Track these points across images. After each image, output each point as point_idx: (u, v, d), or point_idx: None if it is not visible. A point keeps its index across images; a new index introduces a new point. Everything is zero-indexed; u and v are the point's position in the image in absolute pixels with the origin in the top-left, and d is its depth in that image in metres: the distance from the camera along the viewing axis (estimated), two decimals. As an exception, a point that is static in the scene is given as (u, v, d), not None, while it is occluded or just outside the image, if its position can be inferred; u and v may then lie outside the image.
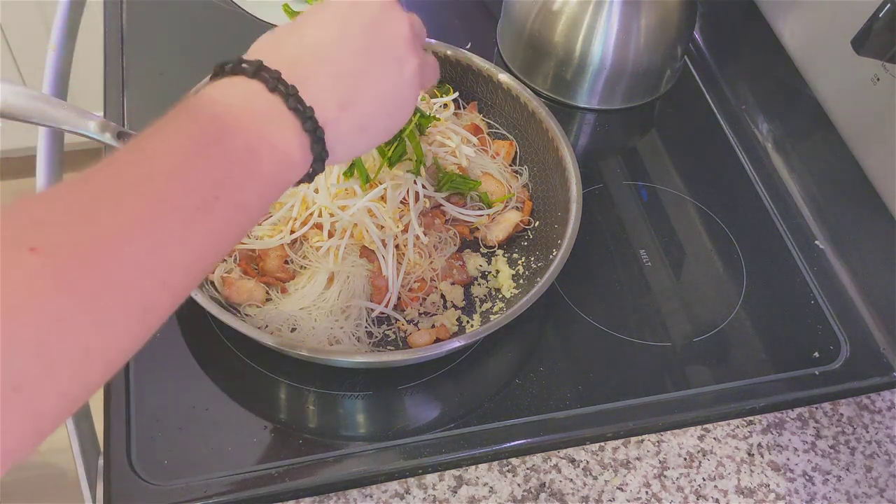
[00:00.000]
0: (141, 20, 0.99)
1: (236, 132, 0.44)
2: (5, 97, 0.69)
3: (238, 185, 0.43)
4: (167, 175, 0.41)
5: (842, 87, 0.90)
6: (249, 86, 0.46)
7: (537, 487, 0.67)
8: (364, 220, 0.74)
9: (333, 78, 0.49)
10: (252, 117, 0.45)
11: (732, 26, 1.08)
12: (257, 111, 0.46)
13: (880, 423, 0.74)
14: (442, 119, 0.82)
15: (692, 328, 0.79)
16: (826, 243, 0.86)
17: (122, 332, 0.39)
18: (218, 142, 0.43)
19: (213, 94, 0.46)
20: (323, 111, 0.47)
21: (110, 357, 0.39)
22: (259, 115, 0.45)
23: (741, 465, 0.70)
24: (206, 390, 0.70)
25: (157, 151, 0.42)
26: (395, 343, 0.74)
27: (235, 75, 0.47)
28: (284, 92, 0.46)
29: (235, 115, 0.45)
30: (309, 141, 0.47)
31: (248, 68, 0.47)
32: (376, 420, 0.71)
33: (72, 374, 0.36)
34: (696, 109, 0.99)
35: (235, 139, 0.44)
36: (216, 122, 0.44)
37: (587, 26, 0.91)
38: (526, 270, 0.79)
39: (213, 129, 0.44)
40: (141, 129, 0.79)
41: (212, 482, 0.65)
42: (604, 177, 0.91)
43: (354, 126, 0.50)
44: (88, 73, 1.03)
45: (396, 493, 0.66)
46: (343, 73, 0.50)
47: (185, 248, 0.41)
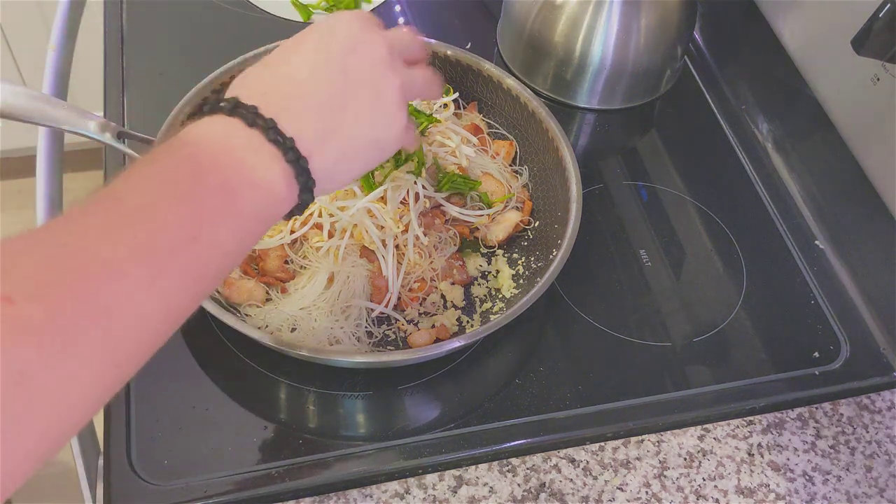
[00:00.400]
0: (141, 20, 0.99)
1: (211, 170, 0.43)
2: (5, 97, 0.69)
3: (215, 224, 0.42)
4: (139, 217, 0.40)
5: (842, 87, 0.90)
6: (228, 123, 0.46)
7: (537, 487, 0.67)
8: (364, 221, 0.74)
9: (312, 108, 0.48)
10: (230, 154, 0.44)
11: (732, 26, 1.08)
12: (236, 147, 0.45)
13: (880, 423, 0.74)
14: (442, 119, 0.82)
15: (692, 328, 0.79)
16: (826, 243, 0.86)
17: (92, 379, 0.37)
18: (193, 181, 0.42)
19: (189, 134, 0.45)
20: (305, 142, 0.47)
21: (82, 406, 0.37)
22: (238, 152, 0.45)
23: (741, 465, 0.70)
24: (206, 390, 0.70)
25: (131, 193, 0.41)
26: (395, 343, 0.74)
27: (214, 114, 0.46)
28: (263, 125, 0.45)
29: (212, 153, 0.44)
30: (293, 172, 0.46)
31: (226, 106, 0.46)
32: (376, 420, 0.71)
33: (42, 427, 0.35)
34: (696, 109, 0.99)
35: (210, 177, 0.43)
36: (191, 161, 0.43)
37: (587, 26, 0.91)
38: (526, 270, 0.79)
39: (187, 168, 0.43)
40: (141, 129, 0.79)
41: (212, 482, 0.65)
42: (604, 177, 0.91)
43: (340, 154, 0.50)
44: (88, 73, 1.03)
45: (396, 493, 0.66)
46: (321, 102, 0.49)
47: (158, 291, 0.40)
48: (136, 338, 0.39)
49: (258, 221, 0.46)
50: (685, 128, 0.98)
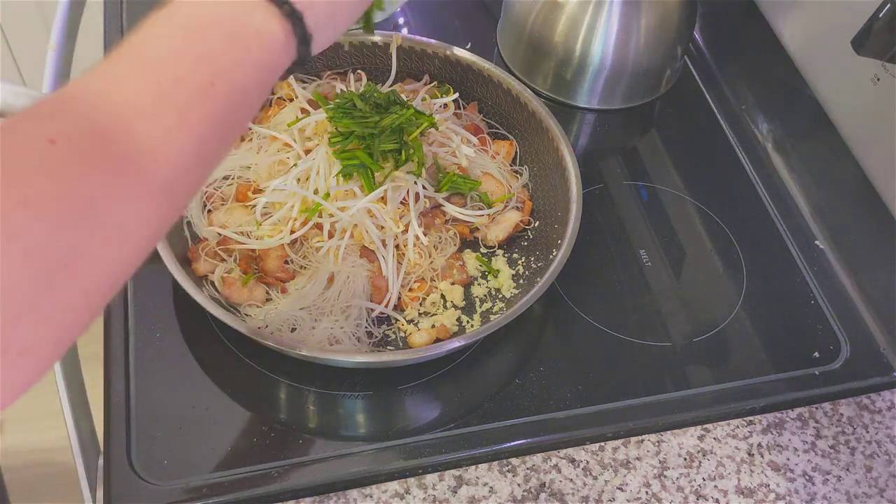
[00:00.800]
0: (141, 20, 0.99)
1: (218, 23, 0.46)
2: (5, 97, 0.69)
3: (230, 68, 0.45)
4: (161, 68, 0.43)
5: (842, 87, 0.90)
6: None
7: (537, 487, 0.67)
8: (364, 221, 0.74)
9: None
10: (231, 10, 0.47)
11: (732, 26, 1.08)
12: (237, 7, 0.47)
13: (880, 423, 0.74)
14: (441, 119, 0.82)
15: (692, 328, 0.79)
16: (826, 243, 0.86)
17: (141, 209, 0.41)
18: (202, 33, 0.45)
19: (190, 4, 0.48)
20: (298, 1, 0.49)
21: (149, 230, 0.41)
22: (238, 8, 0.47)
23: (741, 465, 0.70)
24: (206, 390, 0.70)
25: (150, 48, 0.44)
26: (395, 343, 0.74)
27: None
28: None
29: (214, 11, 0.47)
30: (290, 25, 0.48)
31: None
32: (376, 420, 0.71)
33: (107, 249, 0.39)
34: (696, 109, 0.99)
35: (217, 29, 0.46)
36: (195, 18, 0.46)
37: (587, 26, 0.91)
38: (526, 270, 0.79)
39: (194, 23, 0.46)
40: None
41: (212, 482, 0.65)
42: (604, 177, 0.91)
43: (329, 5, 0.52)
44: (88, 74, 1.02)
45: (396, 493, 0.66)
46: None
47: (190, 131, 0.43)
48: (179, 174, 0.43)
49: (267, 69, 0.48)
50: (685, 128, 0.98)
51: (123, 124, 0.40)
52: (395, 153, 0.75)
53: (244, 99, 0.47)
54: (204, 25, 0.46)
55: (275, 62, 0.49)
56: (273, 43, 0.48)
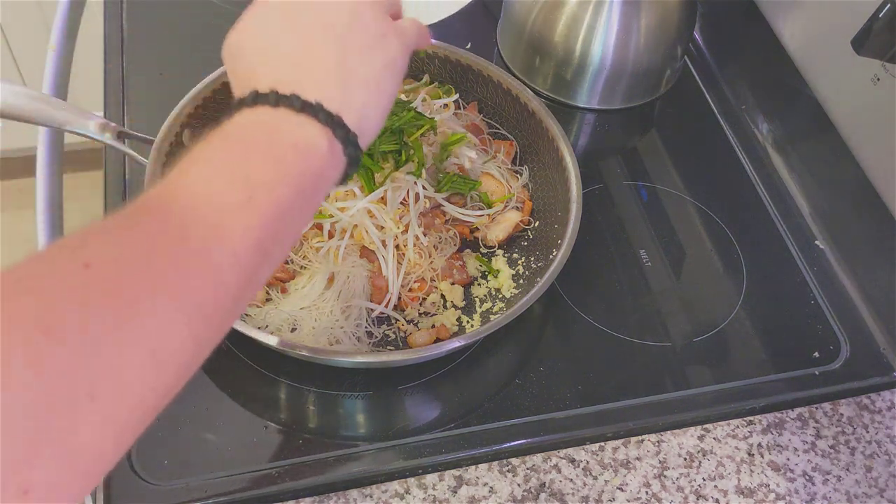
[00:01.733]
0: (141, 20, 0.99)
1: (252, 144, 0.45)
2: (5, 97, 0.69)
3: (267, 184, 0.44)
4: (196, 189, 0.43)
5: (842, 87, 0.90)
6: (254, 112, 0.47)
7: (537, 487, 0.67)
8: (364, 221, 0.74)
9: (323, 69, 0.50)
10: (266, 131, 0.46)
11: (732, 26, 1.08)
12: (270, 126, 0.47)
13: (880, 423, 0.74)
14: (442, 119, 0.82)
15: (692, 328, 0.79)
16: (826, 243, 0.86)
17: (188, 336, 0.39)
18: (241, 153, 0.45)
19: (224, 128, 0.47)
20: (331, 102, 0.48)
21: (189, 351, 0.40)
22: (273, 128, 0.47)
23: (741, 465, 0.70)
24: (205, 390, 0.70)
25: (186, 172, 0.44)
26: (395, 343, 0.74)
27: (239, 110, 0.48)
28: (287, 102, 0.47)
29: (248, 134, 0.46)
30: (330, 131, 0.48)
31: (247, 100, 0.48)
32: (376, 420, 0.71)
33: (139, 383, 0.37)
34: (696, 109, 0.99)
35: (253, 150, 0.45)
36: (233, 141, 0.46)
37: (587, 26, 0.91)
38: (526, 270, 0.79)
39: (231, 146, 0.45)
40: (141, 129, 0.79)
41: (212, 482, 0.65)
42: (604, 177, 0.91)
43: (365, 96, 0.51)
44: (88, 73, 1.03)
45: (396, 493, 0.66)
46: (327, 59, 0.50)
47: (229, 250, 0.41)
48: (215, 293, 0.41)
49: (313, 179, 0.47)
50: (685, 128, 0.98)
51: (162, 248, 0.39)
52: (395, 154, 0.75)
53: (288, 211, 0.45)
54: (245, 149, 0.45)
55: (320, 170, 0.47)
56: (312, 152, 0.47)
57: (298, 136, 0.46)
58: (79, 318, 0.35)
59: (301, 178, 0.46)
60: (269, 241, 0.44)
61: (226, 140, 0.46)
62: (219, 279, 0.41)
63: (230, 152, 0.45)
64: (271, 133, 0.46)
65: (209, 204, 0.42)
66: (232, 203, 0.42)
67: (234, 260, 0.42)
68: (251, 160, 0.45)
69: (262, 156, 0.45)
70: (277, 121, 0.47)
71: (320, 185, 0.48)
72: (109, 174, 0.84)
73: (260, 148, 0.45)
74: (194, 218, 0.41)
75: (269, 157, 0.45)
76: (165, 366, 0.38)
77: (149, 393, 0.38)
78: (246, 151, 0.45)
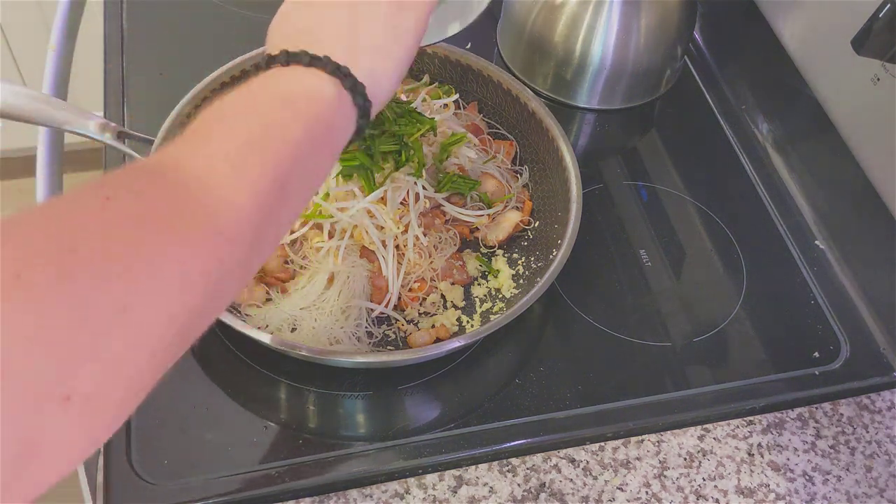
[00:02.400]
0: (141, 20, 0.99)
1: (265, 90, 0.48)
2: (5, 97, 0.69)
3: (283, 123, 0.46)
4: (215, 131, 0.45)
5: (842, 87, 0.90)
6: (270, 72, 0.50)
7: (537, 487, 0.67)
8: (364, 222, 0.74)
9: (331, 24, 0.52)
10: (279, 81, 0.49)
11: (732, 26, 1.08)
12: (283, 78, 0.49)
13: (880, 423, 0.74)
14: (441, 119, 0.82)
15: (692, 328, 0.79)
16: (826, 243, 0.86)
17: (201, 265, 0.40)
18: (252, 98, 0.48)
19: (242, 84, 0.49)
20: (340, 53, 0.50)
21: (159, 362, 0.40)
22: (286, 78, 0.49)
23: (741, 465, 0.70)
24: (206, 390, 0.70)
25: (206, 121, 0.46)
26: (395, 343, 0.74)
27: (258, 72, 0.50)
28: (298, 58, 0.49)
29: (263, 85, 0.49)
30: (339, 82, 0.50)
31: (262, 61, 0.51)
32: (376, 420, 0.71)
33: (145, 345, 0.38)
34: (696, 109, 0.99)
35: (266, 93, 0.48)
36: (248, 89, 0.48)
37: (587, 26, 0.91)
38: (526, 270, 0.79)
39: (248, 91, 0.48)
40: (141, 129, 0.79)
41: (212, 482, 0.65)
42: (604, 177, 0.91)
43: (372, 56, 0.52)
44: (88, 73, 1.03)
45: (396, 493, 0.66)
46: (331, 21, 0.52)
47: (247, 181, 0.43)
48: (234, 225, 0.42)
49: (325, 125, 0.49)
50: (685, 128, 0.98)
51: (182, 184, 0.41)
52: (395, 154, 0.75)
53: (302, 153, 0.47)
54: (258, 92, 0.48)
55: (331, 117, 0.49)
56: (322, 98, 0.49)
57: (308, 83, 0.49)
58: (102, 240, 0.36)
59: (313, 123, 0.48)
60: (285, 179, 0.45)
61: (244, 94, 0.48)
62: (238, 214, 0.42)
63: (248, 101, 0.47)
64: (285, 83, 0.49)
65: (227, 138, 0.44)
66: (249, 137, 0.44)
67: (253, 191, 0.43)
68: (263, 105, 0.47)
69: (280, 101, 0.47)
70: (290, 74, 0.49)
71: (333, 134, 0.50)
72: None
73: (274, 94, 0.48)
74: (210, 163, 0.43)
75: (284, 102, 0.47)
76: (195, 286, 0.39)
77: (179, 310, 0.38)
78: (258, 100, 0.47)
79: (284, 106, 0.47)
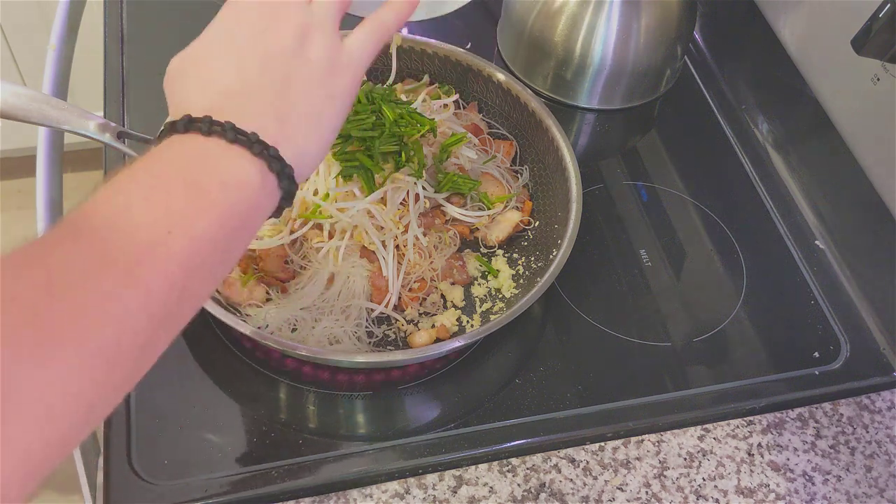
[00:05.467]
0: (141, 20, 0.99)
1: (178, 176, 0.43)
2: (5, 97, 0.69)
3: (189, 217, 0.42)
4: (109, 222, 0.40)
5: (842, 87, 0.90)
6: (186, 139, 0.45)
7: (537, 487, 0.67)
8: (364, 222, 0.74)
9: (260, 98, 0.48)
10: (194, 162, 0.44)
11: (732, 26, 1.08)
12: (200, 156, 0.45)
13: (880, 423, 0.74)
14: (441, 119, 0.82)
15: (692, 328, 0.79)
16: (826, 243, 0.86)
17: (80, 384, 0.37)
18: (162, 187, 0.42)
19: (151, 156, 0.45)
20: (268, 132, 0.46)
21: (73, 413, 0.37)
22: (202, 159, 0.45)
23: (741, 465, 0.70)
24: (206, 390, 0.70)
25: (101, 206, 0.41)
26: (395, 343, 0.74)
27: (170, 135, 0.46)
28: (220, 130, 0.45)
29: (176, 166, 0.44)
30: (265, 164, 0.46)
31: (178, 124, 0.46)
32: (376, 420, 0.71)
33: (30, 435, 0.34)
34: (696, 109, 0.99)
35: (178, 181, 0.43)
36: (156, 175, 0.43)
37: (587, 26, 0.91)
38: (526, 270, 0.79)
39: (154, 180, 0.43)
40: (141, 129, 0.79)
41: (212, 482, 0.65)
42: (604, 177, 0.91)
43: (305, 128, 0.49)
44: (88, 73, 1.03)
45: (396, 493, 0.66)
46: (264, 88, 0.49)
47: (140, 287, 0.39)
48: (122, 335, 0.38)
49: (243, 213, 0.45)
50: (685, 128, 0.98)
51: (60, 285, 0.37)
52: (395, 155, 0.75)
53: (213, 245, 0.43)
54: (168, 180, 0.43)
55: (254, 205, 0.46)
56: (242, 186, 0.45)
57: (228, 168, 0.44)
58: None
59: (228, 213, 0.44)
60: (187, 279, 0.41)
61: (152, 169, 0.43)
62: (127, 322, 0.38)
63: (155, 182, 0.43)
64: (200, 164, 0.44)
65: (126, 237, 0.40)
66: (149, 238, 0.40)
67: (146, 299, 0.39)
68: (174, 192, 0.42)
69: (187, 188, 0.43)
70: (208, 151, 0.45)
71: (250, 219, 0.46)
72: (109, 174, 0.83)
73: (186, 179, 0.43)
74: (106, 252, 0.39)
75: (194, 190, 0.43)
76: (58, 420, 0.36)
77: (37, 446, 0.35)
78: (171, 182, 0.43)
79: (199, 194, 0.43)
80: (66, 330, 0.36)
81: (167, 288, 0.40)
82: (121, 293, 0.38)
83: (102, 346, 0.37)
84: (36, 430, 0.35)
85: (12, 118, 0.70)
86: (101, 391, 0.38)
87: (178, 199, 0.42)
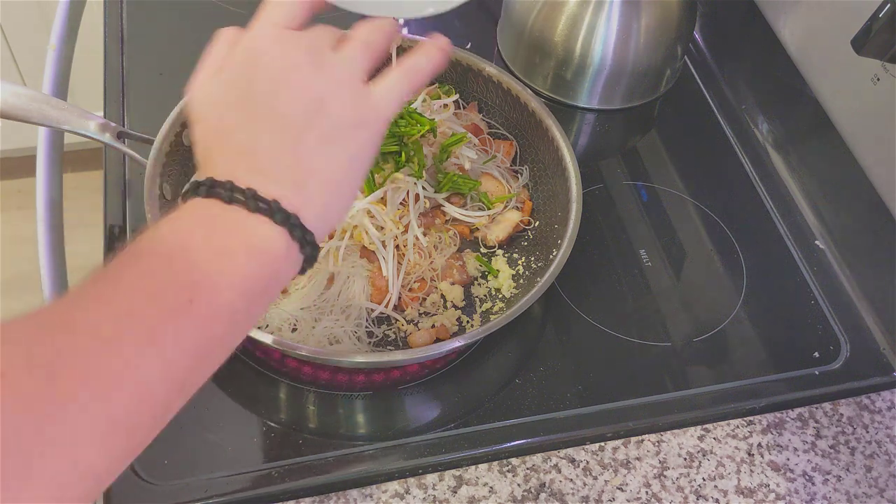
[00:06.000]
0: (141, 20, 0.99)
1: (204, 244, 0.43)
2: (5, 97, 0.69)
3: (213, 286, 0.41)
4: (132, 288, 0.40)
5: (842, 87, 0.90)
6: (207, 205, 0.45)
7: (537, 487, 0.67)
8: (364, 222, 0.74)
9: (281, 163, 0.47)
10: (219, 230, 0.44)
11: (732, 26, 1.08)
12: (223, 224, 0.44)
13: (880, 423, 0.74)
14: (441, 120, 0.82)
15: (692, 328, 0.79)
16: (826, 243, 0.86)
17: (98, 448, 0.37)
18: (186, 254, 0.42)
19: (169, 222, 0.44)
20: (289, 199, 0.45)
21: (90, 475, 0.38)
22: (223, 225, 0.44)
23: (741, 465, 0.70)
24: (206, 390, 0.70)
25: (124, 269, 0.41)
26: (395, 343, 0.74)
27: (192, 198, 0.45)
28: (243, 198, 0.44)
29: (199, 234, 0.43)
30: (286, 231, 0.45)
31: (202, 189, 0.45)
32: (376, 420, 0.71)
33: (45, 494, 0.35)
34: (696, 109, 0.99)
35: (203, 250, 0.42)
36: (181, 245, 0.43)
37: (587, 26, 0.91)
38: (526, 270, 0.79)
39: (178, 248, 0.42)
40: (141, 129, 0.79)
41: (212, 482, 0.65)
42: (604, 177, 0.91)
43: (326, 193, 0.48)
44: (88, 73, 1.03)
45: (396, 493, 0.66)
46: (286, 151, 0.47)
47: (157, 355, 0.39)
48: (140, 404, 0.39)
49: (265, 281, 0.45)
50: (685, 128, 0.98)
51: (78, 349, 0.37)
52: (395, 155, 0.75)
53: (234, 314, 0.43)
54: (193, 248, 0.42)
55: (276, 271, 0.45)
56: (270, 252, 0.44)
57: (251, 237, 0.44)
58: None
59: (251, 281, 0.43)
60: (207, 347, 0.41)
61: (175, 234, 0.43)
62: (145, 391, 0.39)
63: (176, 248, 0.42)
64: (222, 231, 0.43)
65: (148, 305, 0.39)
66: (170, 307, 0.40)
67: (165, 368, 0.39)
68: (198, 259, 0.42)
69: (210, 256, 0.42)
70: (230, 217, 0.44)
71: (271, 285, 0.45)
72: (109, 174, 0.84)
73: (208, 247, 0.42)
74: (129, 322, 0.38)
75: (217, 259, 0.42)
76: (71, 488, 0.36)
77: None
78: (193, 250, 0.42)
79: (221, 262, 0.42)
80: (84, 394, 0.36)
81: (188, 356, 0.41)
82: (141, 362, 0.38)
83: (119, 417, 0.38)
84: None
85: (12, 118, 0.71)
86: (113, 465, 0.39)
87: (201, 266, 0.42)
